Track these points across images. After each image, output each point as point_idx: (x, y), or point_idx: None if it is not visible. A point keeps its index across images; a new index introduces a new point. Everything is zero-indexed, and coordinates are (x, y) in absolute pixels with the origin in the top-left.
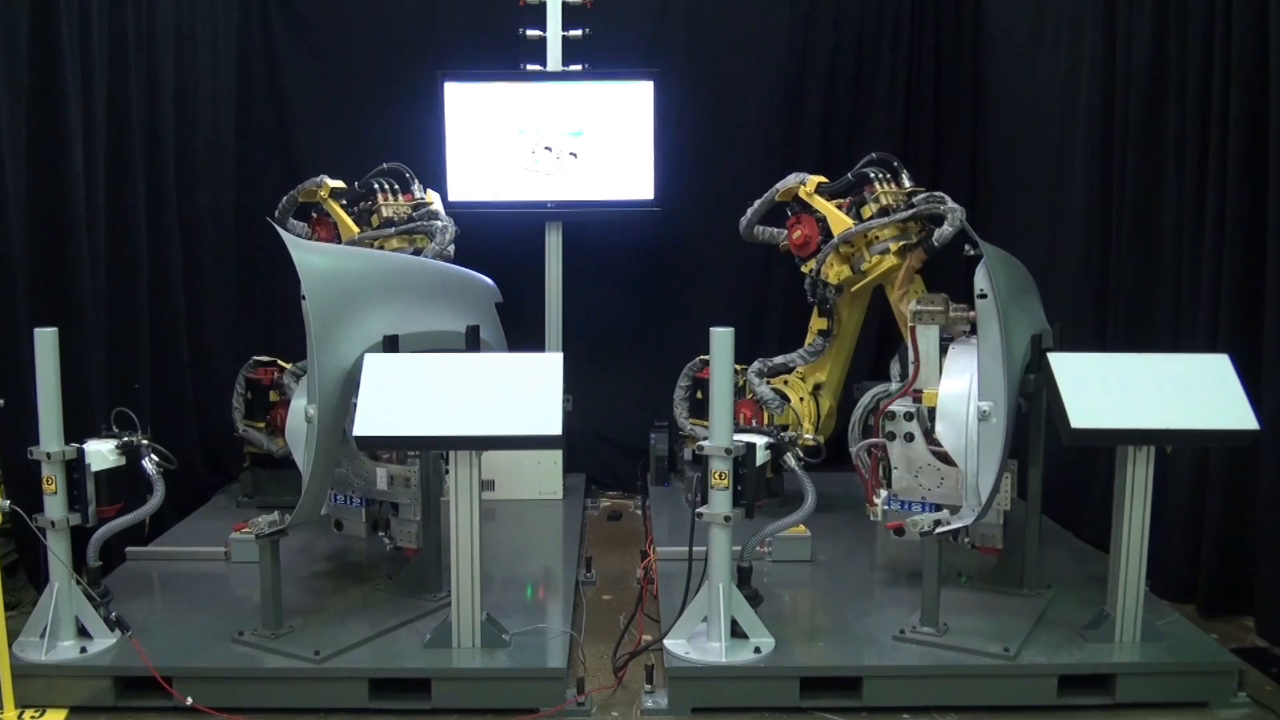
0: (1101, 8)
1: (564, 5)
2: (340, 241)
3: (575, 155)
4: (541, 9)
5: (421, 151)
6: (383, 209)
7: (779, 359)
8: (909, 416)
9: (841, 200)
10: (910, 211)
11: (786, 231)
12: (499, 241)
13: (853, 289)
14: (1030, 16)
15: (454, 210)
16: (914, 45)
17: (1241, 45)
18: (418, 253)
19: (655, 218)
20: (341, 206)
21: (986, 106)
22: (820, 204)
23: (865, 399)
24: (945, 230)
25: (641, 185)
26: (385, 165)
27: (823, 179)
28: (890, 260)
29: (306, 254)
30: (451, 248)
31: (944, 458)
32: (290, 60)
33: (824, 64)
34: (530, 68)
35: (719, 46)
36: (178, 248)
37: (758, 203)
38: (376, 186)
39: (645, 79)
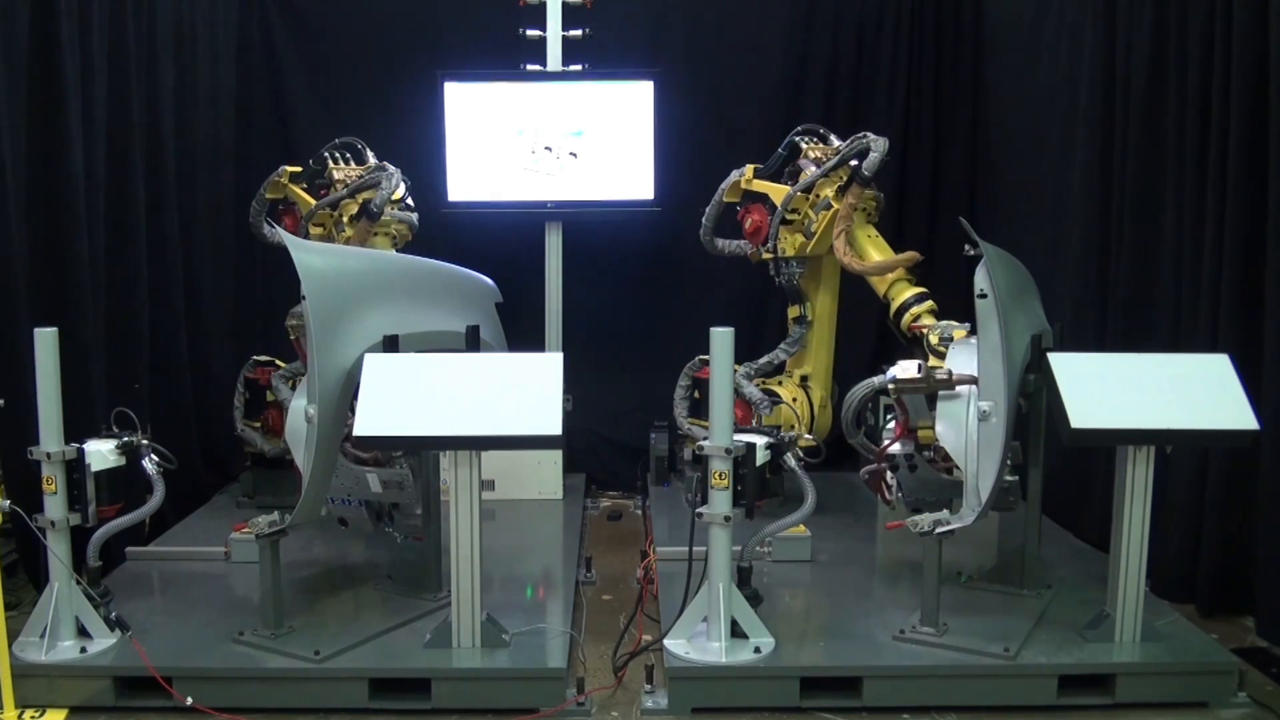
0: (1101, 8)
1: (564, 5)
2: (303, 223)
3: (575, 155)
4: (541, 9)
5: (421, 151)
6: (334, 173)
7: (764, 359)
8: (908, 457)
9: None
10: (838, 158)
11: (748, 239)
12: (499, 241)
13: (809, 252)
14: (1030, 17)
15: (454, 210)
16: (914, 46)
17: (1241, 45)
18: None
19: (655, 218)
20: (301, 188)
21: (986, 106)
22: (761, 185)
23: (854, 399)
24: (872, 157)
25: (641, 185)
26: (337, 140)
27: (758, 165)
28: (834, 210)
29: (306, 254)
30: (411, 219)
31: (949, 472)
32: (290, 60)
33: (824, 65)
34: (530, 68)
35: (719, 47)
36: (178, 248)
37: (709, 208)
38: (326, 155)
39: (645, 79)
